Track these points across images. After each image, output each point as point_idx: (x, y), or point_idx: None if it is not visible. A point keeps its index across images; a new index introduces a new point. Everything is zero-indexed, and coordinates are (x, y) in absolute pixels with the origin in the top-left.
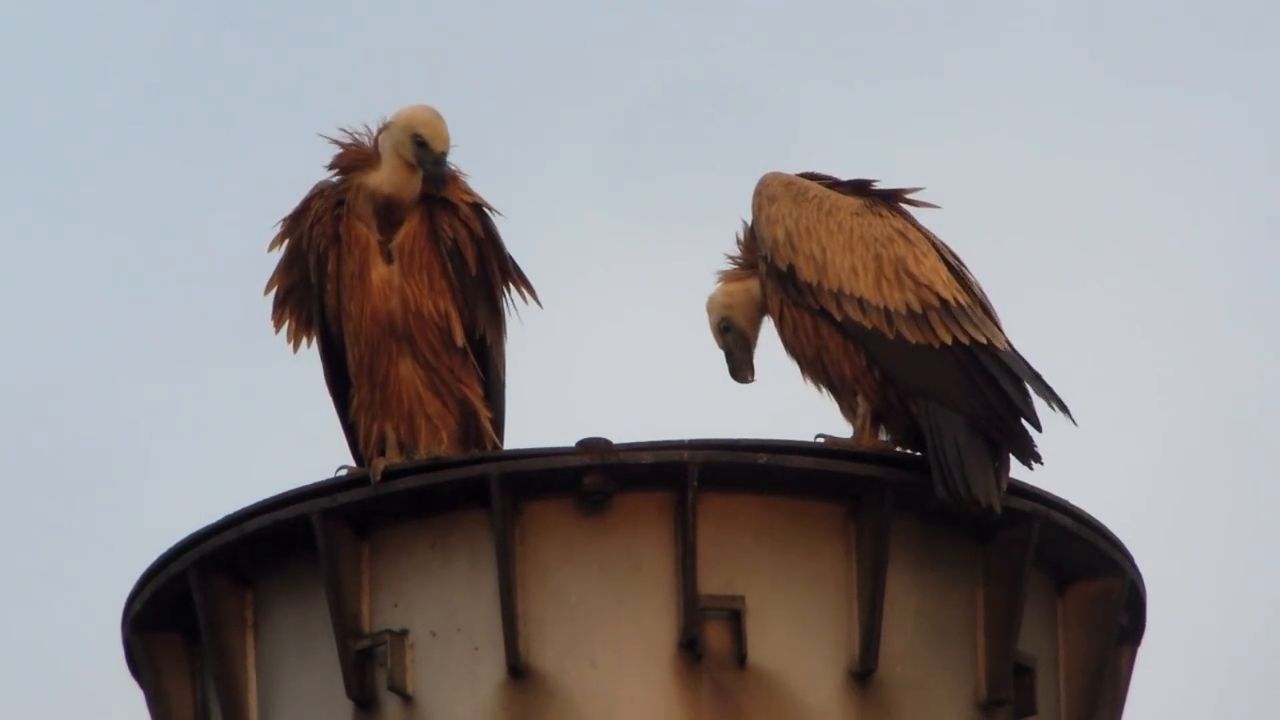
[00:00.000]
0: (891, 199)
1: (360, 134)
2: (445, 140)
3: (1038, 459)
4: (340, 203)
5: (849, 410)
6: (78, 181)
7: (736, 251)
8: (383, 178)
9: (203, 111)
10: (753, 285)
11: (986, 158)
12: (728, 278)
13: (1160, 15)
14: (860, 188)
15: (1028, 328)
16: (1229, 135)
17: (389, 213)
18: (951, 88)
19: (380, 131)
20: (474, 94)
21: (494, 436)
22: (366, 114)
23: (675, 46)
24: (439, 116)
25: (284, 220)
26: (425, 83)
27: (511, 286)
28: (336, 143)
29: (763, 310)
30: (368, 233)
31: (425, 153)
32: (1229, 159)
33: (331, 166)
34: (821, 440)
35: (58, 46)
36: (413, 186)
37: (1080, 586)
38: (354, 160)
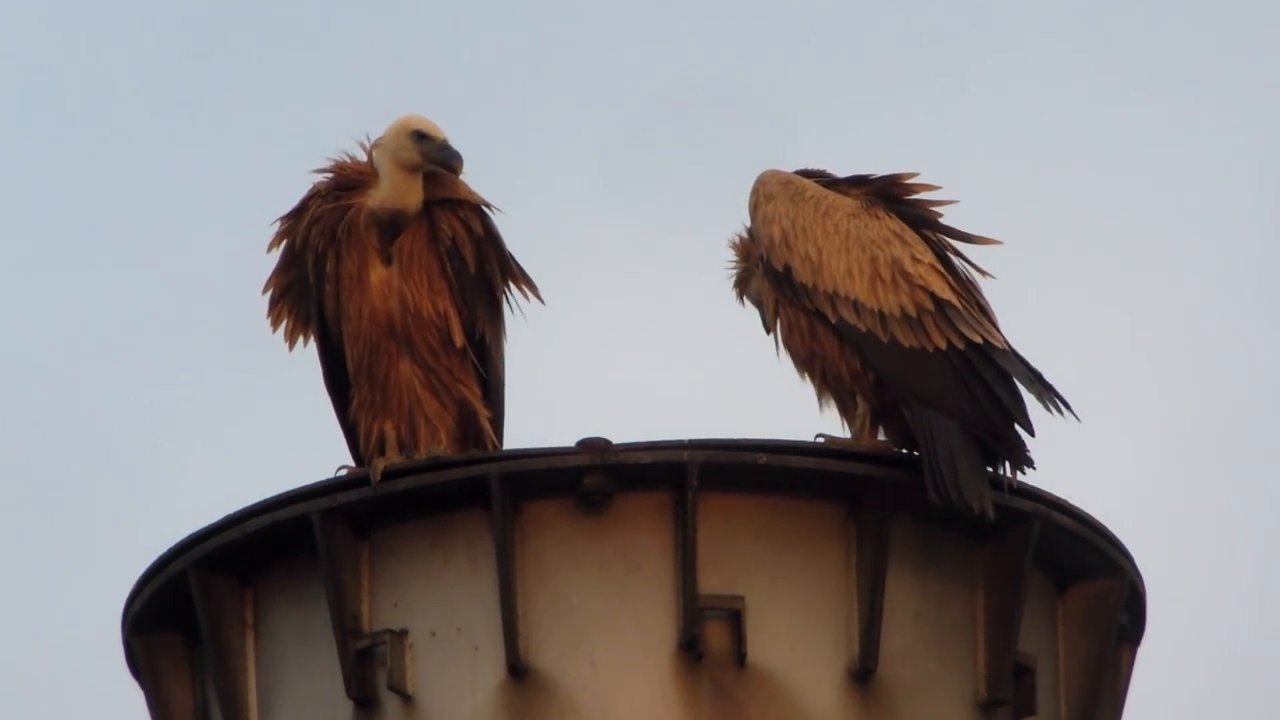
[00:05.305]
0: (890, 186)
1: (353, 153)
2: (441, 131)
3: (1030, 464)
4: (340, 219)
5: (846, 411)
6: (77, 181)
7: (736, 249)
8: (384, 194)
9: (206, 111)
10: None
11: (985, 158)
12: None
13: (1156, 20)
14: (858, 182)
15: (1028, 328)
16: (1225, 137)
17: (394, 227)
18: (950, 89)
19: (373, 149)
20: (474, 94)
21: (493, 436)
22: (367, 113)
23: (675, 46)
24: (427, 117)
25: (282, 220)
26: (426, 82)
27: (512, 285)
28: (334, 165)
29: None
30: (366, 235)
31: (429, 144)
32: (1226, 160)
33: (333, 187)
34: (821, 440)
35: (55, 46)
36: (415, 196)
37: (1080, 587)
38: (353, 178)
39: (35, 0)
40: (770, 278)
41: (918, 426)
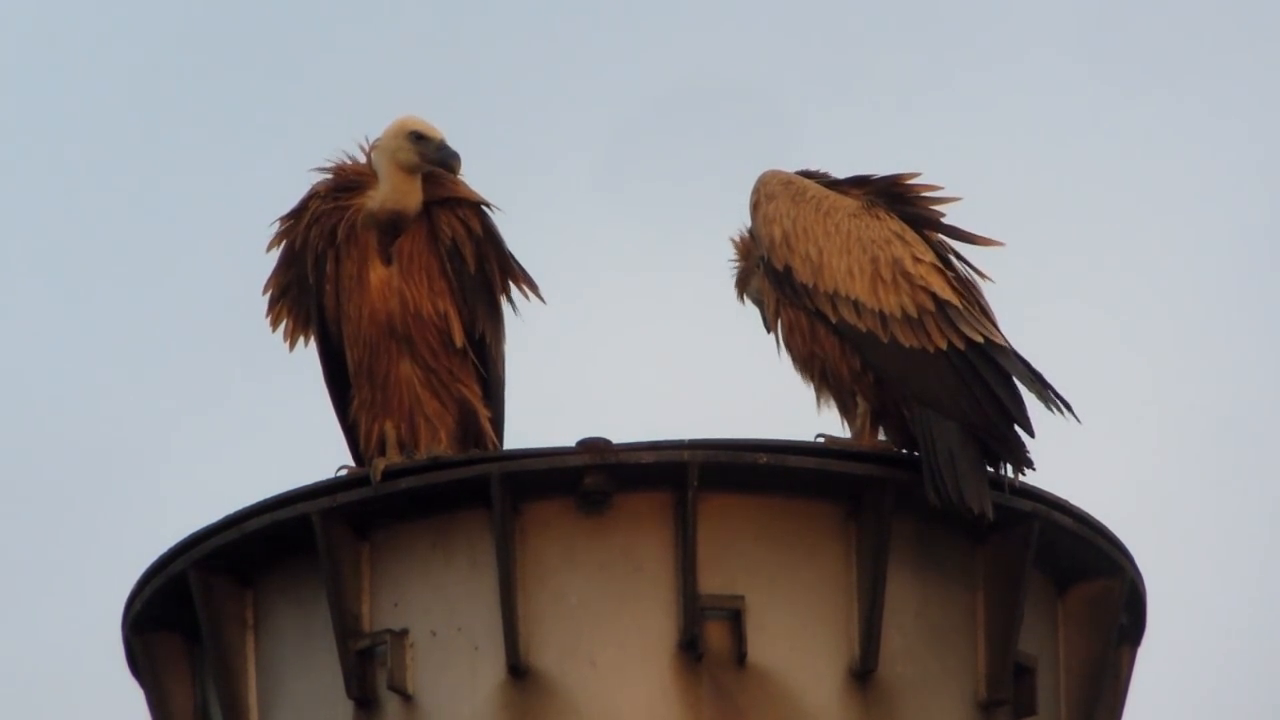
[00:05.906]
0: (892, 186)
1: (352, 155)
2: (438, 131)
3: (1030, 465)
4: (340, 220)
5: (846, 411)
6: (78, 182)
7: (737, 249)
8: (384, 195)
9: (207, 113)
10: None
11: (985, 159)
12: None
13: (1156, 23)
14: (859, 182)
15: (1028, 328)
16: (1225, 140)
17: (394, 228)
18: (950, 89)
19: (371, 150)
20: (475, 95)
21: (493, 436)
22: (366, 114)
23: (675, 47)
24: (424, 117)
25: (281, 220)
26: (426, 83)
27: (512, 284)
28: (333, 167)
29: None
30: (366, 235)
31: (427, 144)
32: (1226, 163)
33: (332, 189)
34: (821, 440)
35: (57, 49)
36: (414, 197)
37: (1080, 587)
38: (352, 179)
39: (35, 2)
40: (771, 277)
41: (918, 427)
